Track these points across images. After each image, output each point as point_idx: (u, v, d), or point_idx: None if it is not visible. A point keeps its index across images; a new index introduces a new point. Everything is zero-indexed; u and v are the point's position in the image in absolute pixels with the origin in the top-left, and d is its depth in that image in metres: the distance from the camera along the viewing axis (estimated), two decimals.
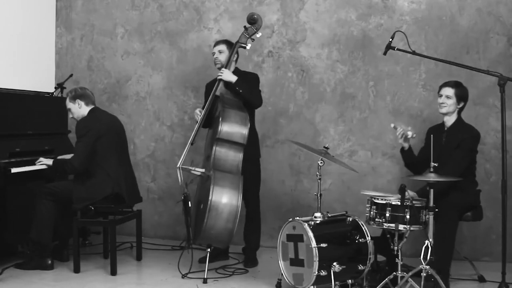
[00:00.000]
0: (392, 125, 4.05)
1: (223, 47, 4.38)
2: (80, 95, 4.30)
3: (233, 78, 4.21)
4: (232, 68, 4.38)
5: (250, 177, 4.32)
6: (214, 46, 4.48)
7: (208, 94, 4.38)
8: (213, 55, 4.44)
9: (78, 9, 5.65)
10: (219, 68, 4.36)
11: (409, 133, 3.96)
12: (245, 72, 4.45)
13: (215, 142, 4.07)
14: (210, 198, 3.88)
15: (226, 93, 4.25)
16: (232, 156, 4.10)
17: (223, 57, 4.35)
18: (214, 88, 4.27)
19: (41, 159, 4.31)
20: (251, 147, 4.28)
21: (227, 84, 4.26)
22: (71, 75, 5.27)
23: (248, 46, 4.29)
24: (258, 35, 4.30)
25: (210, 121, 4.34)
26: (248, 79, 4.35)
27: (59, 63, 5.71)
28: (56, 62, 5.71)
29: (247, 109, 4.25)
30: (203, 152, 4.48)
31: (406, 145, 4.07)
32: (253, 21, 4.27)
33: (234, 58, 4.36)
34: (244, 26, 4.30)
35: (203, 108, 4.33)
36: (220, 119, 4.06)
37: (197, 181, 4.38)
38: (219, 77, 4.25)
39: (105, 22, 5.58)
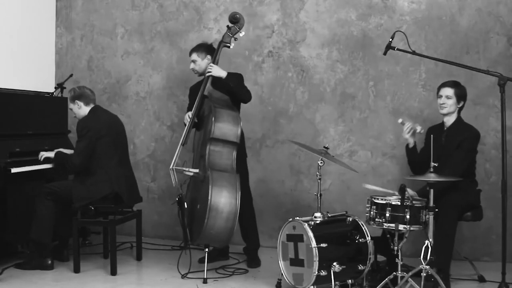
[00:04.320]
0: (400, 120, 4.04)
1: (194, 56, 4.39)
2: (79, 95, 4.30)
3: (223, 73, 4.21)
4: None
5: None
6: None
7: (193, 97, 4.39)
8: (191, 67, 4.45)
9: (78, 9, 5.65)
10: (200, 76, 4.38)
11: (418, 128, 3.96)
12: (229, 72, 4.42)
13: (209, 142, 4.07)
14: (209, 198, 3.88)
15: (214, 92, 4.25)
16: (226, 155, 4.10)
17: (198, 66, 4.36)
18: (202, 86, 4.27)
19: (42, 153, 4.31)
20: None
21: (214, 82, 4.26)
22: (71, 75, 5.27)
23: (232, 46, 4.30)
24: (241, 34, 4.31)
25: (199, 122, 4.33)
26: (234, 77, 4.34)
27: (59, 63, 5.71)
28: (56, 62, 5.72)
29: (235, 107, 4.27)
30: (192, 152, 4.46)
31: (411, 142, 4.06)
32: (235, 20, 4.29)
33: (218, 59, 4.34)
34: (227, 26, 4.31)
35: (188, 110, 4.36)
36: (213, 118, 4.06)
37: (189, 181, 4.37)
38: (208, 73, 4.24)
39: (105, 22, 5.58)
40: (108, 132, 4.24)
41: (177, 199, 4.10)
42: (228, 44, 4.29)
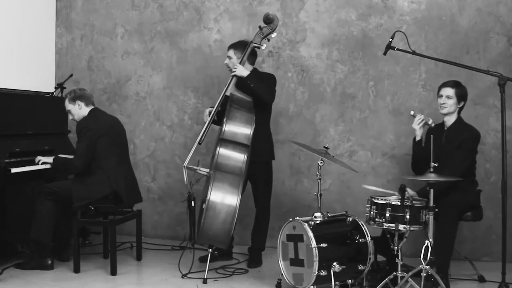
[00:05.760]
0: (412, 112, 4.07)
1: (230, 52, 4.36)
2: (80, 96, 4.31)
3: (245, 73, 4.19)
4: (249, 69, 4.34)
5: (259, 179, 4.33)
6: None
7: None
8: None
9: (78, 9, 5.65)
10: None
11: (430, 121, 4.01)
12: (262, 73, 4.43)
13: (219, 142, 4.07)
14: (208, 198, 3.89)
15: (236, 93, 4.24)
16: (236, 157, 4.06)
17: (231, 63, 4.32)
18: (226, 86, 4.26)
19: (40, 157, 4.31)
20: (262, 149, 4.28)
21: (238, 83, 4.25)
22: (71, 75, 5.27)
23: (263, 47, 4.27)
24: (274, 35, 4.27)
25: (221, 119, 4.31)
26: (264, 78, 4.33)
27: (59, 63, 5.71)
28: (56, 62, 5.71)
29: (261, 110, 4.24)
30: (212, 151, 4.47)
31: (419, 134, 4.07)
32: (269, 21, 4.24)
33: (247, 58, 4.28)
34: (259, 26, 4.27)
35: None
36: (225, 119, 4.06)
37: (204, 181, 4.37)
38: (233, 73, 4.23)
39: (105, 22, 5.58)
40: (107, 132, 4.24)
41: (186, 196, 4.08)
42: (258, 45, 4.24)
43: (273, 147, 4.50)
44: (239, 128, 4.07)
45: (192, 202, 4.03)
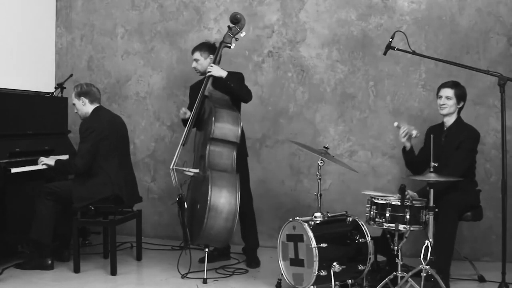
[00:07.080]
0: (396, 124, 4.05)
1: (196, 55, 4.41)
2: (86, 92, 4.29)
3: (223, 73, 4.24)
4: None
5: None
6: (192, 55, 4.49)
7: (193, 96, 4.40)
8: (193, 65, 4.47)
9: (78, 9, 5.65)
10: (201, 75, 4.40)
11: (414, 132, 3.95)
12: (232, 72, 4.44)
13: (209, 142, 4.08)
14: (209, 198, 3.89)
15: (214, 93, 4.27)
16: (226, 155, 4.11)
17: (200, 65, 4.38)
18: (203, 86, 4.29)
19: (42, 158, 4.30)
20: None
21: (214, 82, 4.27)
22: (71, 75, 5.26)
23: (233, 46, 4.33)
24: (242, 34, 4.33)
25: (198, 121, 4.34)
26: (238, 78, 4.37)
27: (59, 63, 5.71)
28: (56, 62, 5.71)
29: (235, 106, 4.28)
30: (193, 152, 4.48)
31: (408, 145, 4.06)
32: (236, 20, 4.32)
33: (219, 59, 4.36)
34: (228, 26, 4.33)
35: (188, 109, 4.36)
36: (213, 119, 4.07)
37: (189, 181, 4.38)
38: (209, 73, 4.26)
39: (105, 22, 5.58)
40: (110, 133, 4.22)
41: (177, 199, 4.11)
42: (229, 44, 4.32)
43: (245, 143, 4.51)
44: (228, 127, 4.11)
45: (185, 203, 4.05)
